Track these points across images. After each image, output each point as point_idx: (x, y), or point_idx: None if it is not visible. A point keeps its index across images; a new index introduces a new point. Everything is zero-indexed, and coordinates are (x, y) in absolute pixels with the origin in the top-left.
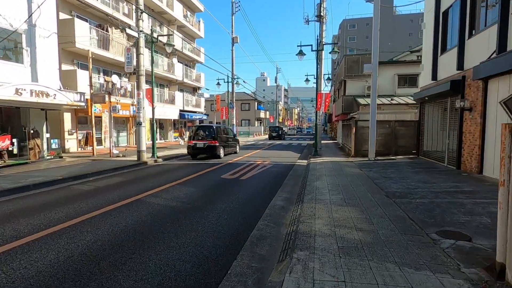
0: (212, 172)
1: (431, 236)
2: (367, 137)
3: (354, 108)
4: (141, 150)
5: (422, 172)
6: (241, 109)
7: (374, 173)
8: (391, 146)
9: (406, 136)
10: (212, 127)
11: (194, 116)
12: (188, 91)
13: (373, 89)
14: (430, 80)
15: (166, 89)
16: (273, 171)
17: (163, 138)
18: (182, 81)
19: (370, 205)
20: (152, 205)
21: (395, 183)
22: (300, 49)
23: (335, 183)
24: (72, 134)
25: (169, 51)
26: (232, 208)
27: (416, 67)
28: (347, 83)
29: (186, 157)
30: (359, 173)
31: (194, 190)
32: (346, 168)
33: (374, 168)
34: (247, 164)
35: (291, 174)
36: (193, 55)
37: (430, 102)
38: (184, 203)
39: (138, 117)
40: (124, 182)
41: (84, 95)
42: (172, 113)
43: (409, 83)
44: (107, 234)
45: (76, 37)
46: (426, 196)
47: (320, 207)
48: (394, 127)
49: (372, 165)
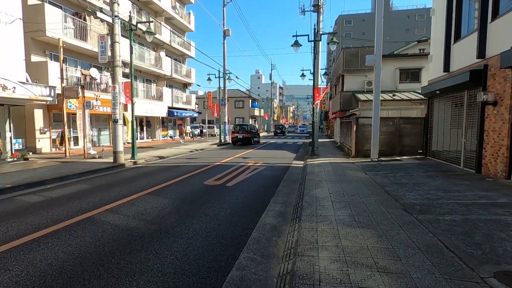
0: (196, 177)
1: (490, 284)
2: (369, 135)
3: (353, 105)
4: (118, 151)
5: (437, 176)
6: (235, 107)
7: (382, 178)
8: (395, 146)
9: (412, 135)
10: (247, 125)
11: (185, 113)
12: (178, 87)
13: (376, 82)
14: (441, 72)
15: (153, 85)
16: (266, 174)
17: (150, 136)
18: (170, 76)
19: (388, 225)
20: (103, 227)
21: (409, 191)
22: (295, 39)
23: (339, 192)
24: (45, 133)
25: (149, 39)
26: (209, 230)
27: (419, 61)
28: (346, 78)
29: (172, 158)
30: (365, 178)
31: (166, 203)
32: (348, 171)
33: (380, 172)
34: (237, 166)
35: (285, 179)
36: (183, 49)
37: (441, 96)
38: (148, 223)
39: (113, 114)
40: (85, 190)
41: (54, 89)
42: (160, 110)
43: (411, 78)
44: None
45: (47, 25)
46: (455, 210)
47: (324, 229)
48: (398, 124)
49: (377, 167)
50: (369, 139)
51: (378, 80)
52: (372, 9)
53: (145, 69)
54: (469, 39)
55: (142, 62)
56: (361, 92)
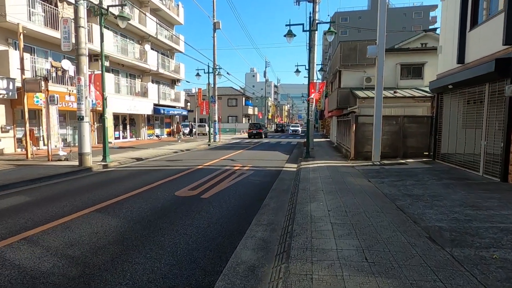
0: (169, 185)
1: None
2: (370, 135)
3: (351, 102)
4: (84, 153)
5: (455, 186)
6: (228, 105)
7: (390, 188)
8: (399, 147)
9: (417, 135)
10: (259, 124)
11: (172, 111)
12: (165, 84)
13: (379, 76)
14: (454, 64)
15: (137, 80)
16: (252, 182)
17: (134, 135)
18: (157, 71)
19: (415, 268)
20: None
21: (428, 207)
22: (289, 29)
23: (340, 208)
24: (8, 132)
25: (122, 26)
26: (155, 276)
27: (422, 56)
28: (343, 73)
29: (152, 160)
30: (369, 187)
31: (114, 226)
32: (349, 177)
33: (386, 179)
34: (221, 170)
35: (274, 188)
36: (171, 42)
37: (454, 91)
38: (70, 263)
39: (78, 110)
40: (20, 205)
41: (13, 81)
42: (145, 107)
43: (413, 74)
44: None
45: (8, 8)
46: (500, 241)
47: (323, 276)
48: (402, 124)
49: (381, 172)
50: (370, 140)
51: (380, 73)
52: (368, 6)
53: (128, 63)
54: (491, 23)
55: (125, 56)
56: (359, 89)
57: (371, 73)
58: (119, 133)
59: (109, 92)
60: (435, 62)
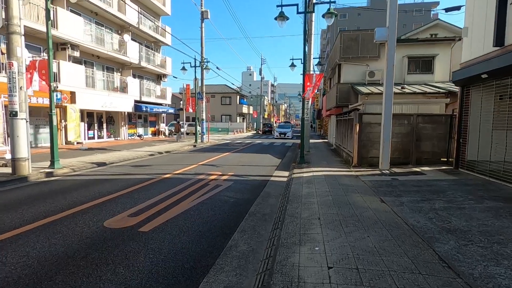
0: (109, 205)
1: None
2: (377, 138)
3: (352, 100)
4: (19, 158)
5: (509, 213)
6: (221, 103)
7: (414, 214)
8: (411, 152)
9: (433, 137)
10: (270, 124)
11: (157, 108)
12: (150, 79)
13: (389, 66)
14: (489, 47)
15: (116, 74)
16: (225, 200)
17: (112, 135)
18: (138, 65)
19: None
20: None
21: (491, 259)
22: (281, 10)
23: (347, 258)
24: None
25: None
26: None
27: (432, 48)
28: (343, 67)
29: (116, 165)
30: (386, 214)
31: None
32: (355, 195)
33: (404, 197)
34: (192, 181)
35: (253, 213)
36: (156, 34)
37: (487, 83)
38: None
39: (11, 103)
40: None
41: None
42: (124, 104)
43: (422, 68)
44: None
45: None
46: None
47: None
48: (415, 124)
49: (394, 186)
50: (377, 143)
51: (391, 62)
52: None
53: (105, 55)
54: None
55: (101, 46)
56: (361, 85)
57: (375, 66)
58: (94, 132)
59: (79, 86)
60: (447, 54)
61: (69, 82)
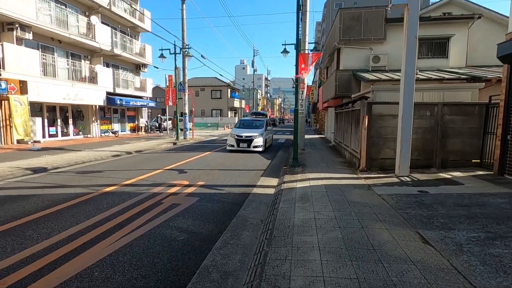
0: None
1: None
2: (391, 133)
3: (353, 89)
4: None
5: None
6: (212, 97)
7: (500, 279)
8: (433, 152)
9: (464, 133)
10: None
11: (135, 102)
12: (127, 69)
13: (410, 37)
14: None
15: (84, 62)
16: (171, 238)
17: (82, 132)
18: (111, 52)
19: None
20: None
21: None
22: None
23: None
24: None
25: None
26: None
27: (446, 28)
28: (343, 52)
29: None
30: (443, 272)
31: None
32: (376, 226)
33: (455, 230)
34: (142, 196)
35: (208, 267)
36: (133, 18)
37: None
38: None
39: None
40: None
41: None
42: (93, 96)
43: (435, 52)
44: None
45: None
46: None
47: None
48: (440, 115)
49: (429, 206)
50: (390, 141)
51: (413, 31)
52: None
53: (67, 39)
54: None
55: (63, 29)
56: (364, 71)
57: (380, 50)
58: (57, 129)
59: (33, 75)
60: (464, 36)
61: (18, 69)
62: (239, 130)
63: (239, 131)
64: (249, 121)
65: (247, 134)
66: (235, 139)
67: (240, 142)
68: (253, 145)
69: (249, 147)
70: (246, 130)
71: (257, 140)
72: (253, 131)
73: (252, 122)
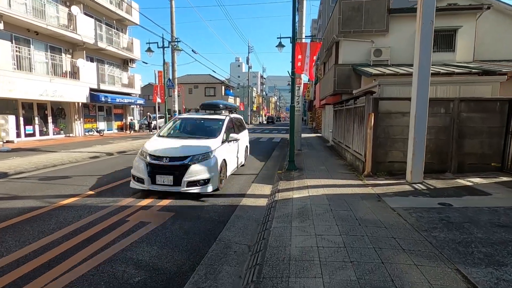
0: None
1: None
2: (400, 133)
3: (353, 85)
4: None
5: None
6: (205, 95)
7: None
8: (448, 154)
9: (482, 133)
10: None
11: (121, 99)
12: (114, 64)
13: (426, 21)
14: None
15: (66, 56)
16: (124, 280)
17: (63, 131)
18: (95, 45)
19: None
20: None
21: None
22: None
23: None
24: None
25: None
26: None
27: (453, 19)
28: (342, 45)
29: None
30: None
31: None
32: (401, 261)
33: (508, 266)
34: (105, 211)
35: None
36: (119, 10)
37: None
38: None
39: None
40: None
41: None
42: (75, 93)
43: (441, 46)
44: None
45: None
46: None
47: None
48: (457, 113)
49: (458, 226)
50: (399, 141)
51: (429, 15)
52: None
53: (45, 30)
54: None
55: (40, 19)
56: (365, 66)
57: (382, 43)
58: (34, 128)
59: (2, 68)
60: (472, 28)
61: None
62: (161, 143)
63: (160, 145)
64: (194, 122)
65: (173, 154)
66: (146, 163)
67: (157, 173)
68: (187, 177)
69: (176, 183)
70: (179, 142)
71: (199, 168)
72: (196, 144)
73: (198, 125)
